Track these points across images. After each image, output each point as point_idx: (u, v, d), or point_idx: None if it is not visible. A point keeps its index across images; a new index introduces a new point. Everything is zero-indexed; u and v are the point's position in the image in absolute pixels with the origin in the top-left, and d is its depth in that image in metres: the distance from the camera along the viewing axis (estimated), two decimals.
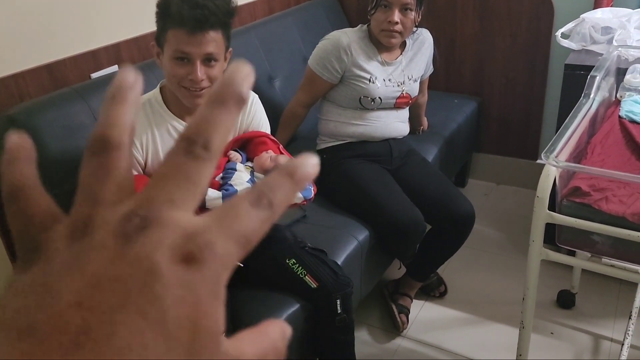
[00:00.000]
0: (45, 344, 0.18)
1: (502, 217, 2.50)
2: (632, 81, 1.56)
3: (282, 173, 0.23)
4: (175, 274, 0.19)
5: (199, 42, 1.26)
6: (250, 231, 0.21)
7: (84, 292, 0.19)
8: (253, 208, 0.22)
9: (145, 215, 0.20)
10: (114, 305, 0.18)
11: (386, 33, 1.79)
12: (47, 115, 1.45)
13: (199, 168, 0.22)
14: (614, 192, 1.20)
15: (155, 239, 0.20)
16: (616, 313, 1.95)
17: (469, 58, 2.59)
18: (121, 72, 0.23)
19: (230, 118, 0.22)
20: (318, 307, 1.44)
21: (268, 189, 0.22)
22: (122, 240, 0.20)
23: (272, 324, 0.25)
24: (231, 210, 0.21)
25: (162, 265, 0.19)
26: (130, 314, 0.18)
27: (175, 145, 0.22)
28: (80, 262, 0.19)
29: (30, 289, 0.20)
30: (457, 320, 1.98)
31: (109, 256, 0.19)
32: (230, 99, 0.22)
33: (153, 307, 0.19)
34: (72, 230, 0.21)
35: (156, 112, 1.37)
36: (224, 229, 0.21)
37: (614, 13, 2.01)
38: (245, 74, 0.23)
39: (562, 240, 1.28)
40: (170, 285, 0.19)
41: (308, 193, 1.42)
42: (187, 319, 0.19)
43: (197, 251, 0.20)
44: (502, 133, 2.66)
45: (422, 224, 1.75)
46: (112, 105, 0.22)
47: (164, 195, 0.21)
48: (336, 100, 1.88)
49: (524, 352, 1.41)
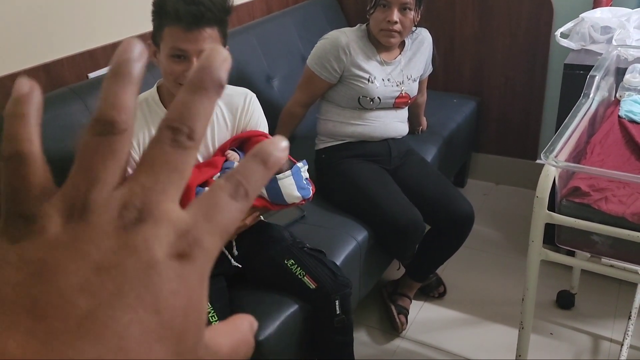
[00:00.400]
0: (52, 324, 0.19)
1: (502, 217, 2.50)
2: (632, 81, 1.55)
3: (256, 160, 0.24)
4: (170, 267, 0.21)
5: (195, 38, 1.26)
6: (231, 222, 0.23)
7: (88, 278, 0.19)
8: (232, 200, 0.23)
9: (142, 207, 0.21)
10: (115, 292, 0.19)
11: (385, 33, 1.78)
12: (44, 115, 1.41)
13: (185, 157, 0.22)
14: (614, 192, 1.20)
15: (152, 234, 0.21)
16: (616, 313, 1.95)
17: (468, 58, 2.58)
18: (126, 42, 0.23)
19: (210, 104, 0.23)
20: (317, 308, 1.44)
21: (244, 178, 0.23)
22: (122, 230, 0.21)
23: (242, 317, 0.26)
24: (213, 204, 0.22)
25: (159, 259, 0.21)
26: (130, 301, 0.20)
27: (160, 133, 0.22)
28: (82, 247, 0.20)
29: (26, 264, 0.20)
30: (457, 320, 1.98)
31: (110, 245, 0.20)
32: (210, 84, 0.23)
33: (151, 296, 0.20)
34: (70, 208, 0.21)
35: (153, 111, 1.37)
36: (208, 224, 0.22)
37: (613, 13, 2.00)
38: (222, 58, 0.23)
39: (561, 241, 1.28)
40: (166, 277, 0.21)
41: (307, 193, 1.42)
42: (180, 308, 0.21)
43: (188, 249, 0.21)
44: (502, 133, 2.66)
45: (421, 224, 1.74)
46: (117, 82, 0.23)
47: (156, 186, 0.22)
48: (335, 100, 1.87)
49: (523, 352, 1.40)
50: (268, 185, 1.38)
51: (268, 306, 1.40)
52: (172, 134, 0.22)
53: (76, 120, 1.50)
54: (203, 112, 0.23)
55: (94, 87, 1.60)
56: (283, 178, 1.38)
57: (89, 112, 1.53)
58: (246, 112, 1.47)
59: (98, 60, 1.73)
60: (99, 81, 1.64)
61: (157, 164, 0.22)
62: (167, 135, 0.22)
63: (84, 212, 0.21)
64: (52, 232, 0.20)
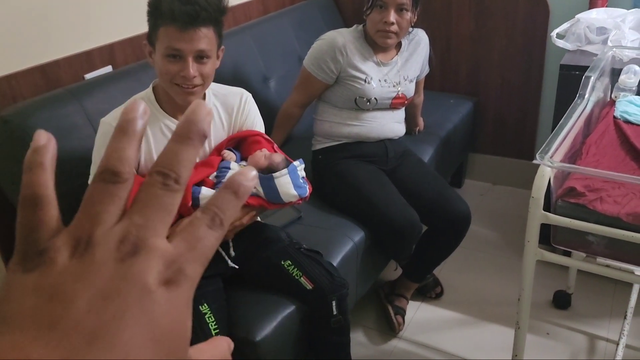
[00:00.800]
0: (65, 340, 0.22)
1: (498, 217, 2.50)
2: (627, 81, 1.56)
3: (228, 191, 0.28)
4: (160, 293, 0.25)
5: (191, 38, 1.25)
6: (209, 249, 0.27)
7: (94, 301, 0.23)
8: (210, 229, 0.27)
9: (135, 242, 0.25)
10: (116, 314, 0.23)
11: (382, 33, 1.79)
12: (41, 116, 1.44)
13: (172, 199, 0.27)
14: (609, 192, 1.20)
15: (145, 265, 0.25)
16: (611, 313, 1.95)
17: (465, 58, 2.59)
18: (131, 103, 0.28)
19: (194, 152, 0.27)
20: (314, 309, 1.44)
21: (219, 209, 0.27)
22: (120, 261, 0.24)
23: (221, 339, 0.32)
24: (194, 235, 0.27)
25: (151, 287, 0.24)
26: (129, 321, 0.23)
27: (152, 177, 0.27)
28: (87, 275, 0.24)
29: (40, 290, 0.23)
30: (453, 321, 1.98)
31: (110, 274, 0.24)
32: (195, 135, 0.27)
33: (146, 317, 0.24)
34: (76, 243, 0.25)
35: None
36: (190, 254, 0.26)
37: (608, 13, 2.01)
38: (205, 113, 0.28)
39: (557, 241, 1.28)
40: (157, 301, 0.24)
41: (303, 191, 1.41)
42: (169, 326, 0.25)
43: (174, 276, 0.25)
44: (498, 133, 2.67)
45: (418, 224, 1.74)
46: (123, 138, 0.27)
47: (147, 223, 0.26)
48: (332, 100, 1.87)
49: (519, 352, 1.41)
50: (265, 184, 1.38)
51: (265, 307, 1.40)
52: (162, 179, 0.26)
53: (73, 121, 1.49)
54: (188, 159, 0.27)
55: (90, 88, 1.59)
56: (279, 177, 1.38)
57: (85, 113, 1.53)
58: (242, 112, 1.47)
59: (94, 61, 1.72)
60: (95, 82, 1.64)
61: (149, 204, 0.26)
62: (158, 180, 0.27)
63: (88, 247, 0.25)
64: (61, 263, 0.24)
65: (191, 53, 1.27)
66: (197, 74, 1.29)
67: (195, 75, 1.29)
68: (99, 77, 1.68)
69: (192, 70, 1.28)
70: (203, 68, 1.30)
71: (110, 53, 1.77)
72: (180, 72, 1.28)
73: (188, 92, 1.31)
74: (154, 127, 1.37)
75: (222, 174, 1.38)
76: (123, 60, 1.81)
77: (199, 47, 1.27)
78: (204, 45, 1.28)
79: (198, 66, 1.29)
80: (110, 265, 0.24)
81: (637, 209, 1.15)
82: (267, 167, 1.40)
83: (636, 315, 1.85)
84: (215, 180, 1.37)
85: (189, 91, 1.31)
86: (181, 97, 1.33)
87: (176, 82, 1.30)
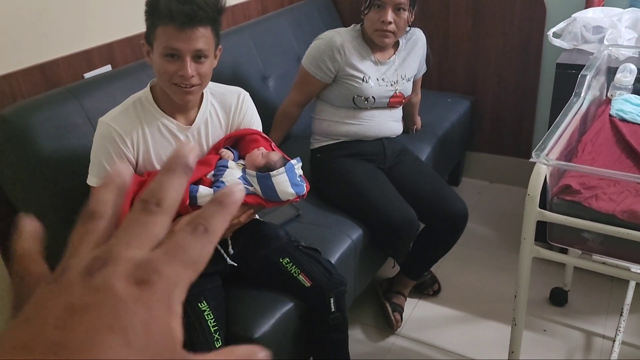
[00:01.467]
0: (33, 355, 0.23)
1: (496, 215, 2.51)
2: (623, 80, 1.57)
3: (214, 202, 0.28)
4: (130, 293, 0.24)
5: (189, 37, 1.26)
6: (195, 254, 0.27)
7: (63, 318, 0.23)
8: (191, 236, 0.27)
9: (105, 257, 0.25)
10: (88, 327, 0.23)
11: (380, 33, 1.80)
12: (40, 115, 1.45)
13: (154, 219, 0.27)
14: (604, 190, 1.21)
15: (111, 272, 0.25)
16: (608, 310, 1.97)
17: (462, 57, 2.60)
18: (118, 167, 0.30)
19: (179, 181, 0.28)
20: (312, 306, 1.45)
21: (202, 218, 0.28)
22: (88, 276, 0.25)
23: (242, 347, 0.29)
24: (174, 243, 0.27)
25: (118, 288, 0.24)
26: (102, 329, 0.23)
27: (133, 207, 0.28)
28: (56, 296, 0.25)
29: (21, 322, 0.24)
30: (451, 318, 1.99)
31: (77, 290, 0.24)
32: (179, 167, 0.28)
33: (117, 321, 0.24)
34: (53, 277, 0.26)
35: (147, 110, 1.37)
36: (169, 257, 0.26)
37: (605, 12, 2.02)
38: (190, 148, 0.29)
39: (553, 238, 1.29)
40: (127, 302, 0.24)
41: (301, 189, 1.42)
42: (142, 326, 0.24)
43: (146, 275, 0.25)
44: (495, 132, 2.68)
45: (415, 222, 1.76)
46: (103, 189, 0.29)
47: (121, 240, 0.26)
48: (330, 99, 1.88)
49: (516, 349, 1.42)
50: (262, 183, 1.39)
51: (263, 304, 1.41)
52: (142, 205, 0.27)
53: (72, 120, 1.50)
54: (172, 186, 0.28)
55: (89, 88, 1.60)
56: (277, 175, 1.38)
57: (84, 112, 1.53)
58: (239, 111, 1.48)
59: (93, 60, 1.73)
60: (94, 81, 1.65)
61: (125, 227, 0.27)
62: (139, 206, 0.27)
63: (61, 275, 0.26)
64: (40, 295, 0.25)
65: (189, 52, 1.28)
66: (195, 74, 1.30)
67: (193, 74, 1.29)
68: (99, 76, 1.69)
69: (190, 70, 1.28)
70: (201, 67, 1.31)
71: (109, 52, 1.77)
72: (178, 71, 1.28)
73: (186, 91, 1.32)
74: (152, 126, 1.37)
75: (219, 172, 1.39)
76: (122, 59, 1.82)
77: (197, 46, 1.28)
78: (201, 44, 1.28)
79: (196, 66, 1.30)
80: (77, 281, 0.25)
81: (632, 207, 1.16)
82: (264, 166, 1.41)
83: (632, 312, 1.86)
84: (213, 179, 1.38)
85: (187, 90, 1.32)
86: (179, 97, 1.34)
87: (174, 81, 1.30)
